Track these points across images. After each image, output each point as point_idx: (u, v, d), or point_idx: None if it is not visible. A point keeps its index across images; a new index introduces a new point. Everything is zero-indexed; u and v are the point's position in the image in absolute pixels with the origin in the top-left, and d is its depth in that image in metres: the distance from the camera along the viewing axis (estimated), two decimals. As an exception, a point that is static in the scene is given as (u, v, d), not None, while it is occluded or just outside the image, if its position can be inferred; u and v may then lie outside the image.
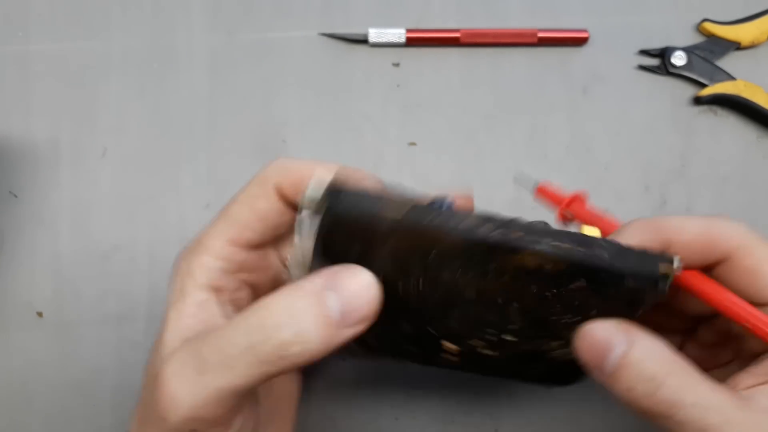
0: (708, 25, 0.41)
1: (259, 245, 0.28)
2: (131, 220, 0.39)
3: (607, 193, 0.40)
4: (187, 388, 0.22)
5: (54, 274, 0.39)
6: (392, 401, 0.38)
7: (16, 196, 0.40)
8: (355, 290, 0.24)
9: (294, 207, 0.28)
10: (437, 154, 0.40)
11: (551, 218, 0.37)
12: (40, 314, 0.38)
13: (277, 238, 0.29)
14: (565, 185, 0.40)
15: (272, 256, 0.29)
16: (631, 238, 0.26)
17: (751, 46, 0.41)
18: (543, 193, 0.31)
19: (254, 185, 0.28)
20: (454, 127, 0.41)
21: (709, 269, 0.26)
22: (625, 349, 0.24)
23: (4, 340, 0.38)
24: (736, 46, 0.41)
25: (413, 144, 0.41)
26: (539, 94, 0.41)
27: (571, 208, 0.29)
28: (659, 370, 0.24)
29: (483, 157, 0.40)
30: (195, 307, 0.26)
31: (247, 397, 0.25)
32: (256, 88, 0.41)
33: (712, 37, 0.41)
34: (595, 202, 0.41)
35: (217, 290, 0.27)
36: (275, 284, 0.29)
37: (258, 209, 0.27)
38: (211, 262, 0.27)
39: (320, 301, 0.23)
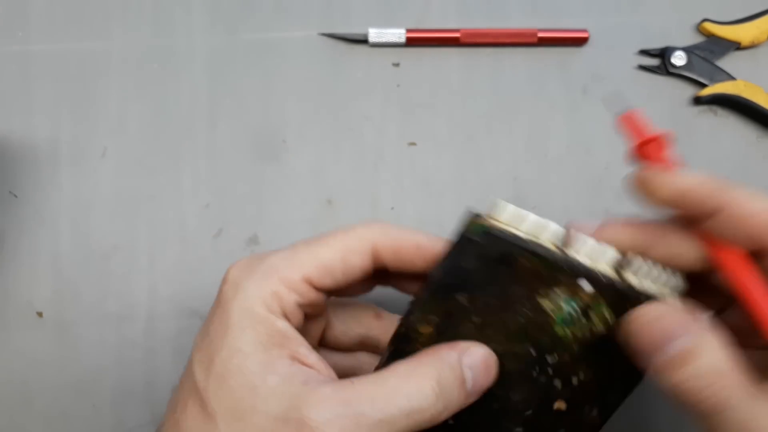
0: (708, 25, 0.41)
1: (323, 293, 0.28)
2: (131, 220, 0.39)
3: (607, 193, 0.40)
4: None
5: (54, 274, 0.39)
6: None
7: (16, 196, 0.40)
8: (483, 363, 0.26)
9: (382, 270, 0.28)
10: (437, 154, 0.40)
11: (549, 210, 0.36)
12: (40, 314, 0.38)
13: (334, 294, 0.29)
14: (565, 185, 0.40)
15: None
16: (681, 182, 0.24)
17: (751, 46, 0.41)
18: (626, 123, 0.27)
19: (352, 238, 0.27)
20: (454, 127, 0.41)
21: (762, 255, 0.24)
22: (689, 343, 0.23)
23: (4, 340, 0.38)
24: (736, 46, 0.41)
25: (413, 144, 0.41)
26: (539, 94, 0.41)
27: (646, 149, 0.26)
28: (713, 370, 0.23)
29: (483, 157, 0.40)
30: (280, 337, 0.25)
31: None
32: (256, 88, 0.41)
33: (712, 37, 0.41)
34: (595, 202, 0.41)
35: (288, 319, 0.26)
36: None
37: (349, 262, 0.27)
38: (285, 292, 0.26)
39: (461, 374, 0.26)
